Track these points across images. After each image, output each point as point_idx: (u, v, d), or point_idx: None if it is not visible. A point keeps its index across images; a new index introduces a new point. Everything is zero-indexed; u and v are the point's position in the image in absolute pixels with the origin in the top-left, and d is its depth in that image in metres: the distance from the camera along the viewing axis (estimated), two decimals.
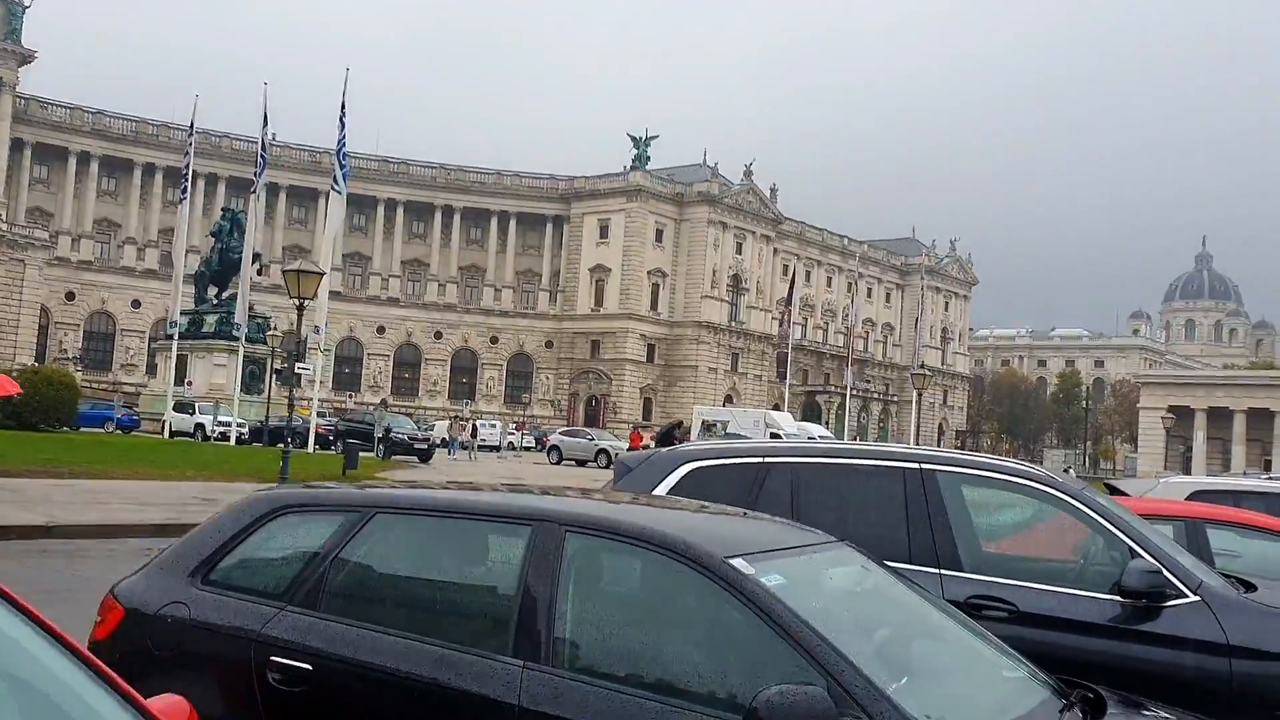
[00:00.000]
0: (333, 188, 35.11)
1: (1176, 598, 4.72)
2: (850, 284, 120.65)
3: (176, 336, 44.78)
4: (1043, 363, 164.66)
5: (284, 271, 17.50)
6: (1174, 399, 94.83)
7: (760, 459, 5.45)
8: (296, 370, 24.57)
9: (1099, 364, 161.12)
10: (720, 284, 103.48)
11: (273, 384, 49.52)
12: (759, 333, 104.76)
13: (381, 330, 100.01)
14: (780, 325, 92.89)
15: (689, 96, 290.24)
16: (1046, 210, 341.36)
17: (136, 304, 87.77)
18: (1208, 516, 7.20)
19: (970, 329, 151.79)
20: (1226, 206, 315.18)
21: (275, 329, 49.80)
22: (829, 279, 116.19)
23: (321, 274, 18.24)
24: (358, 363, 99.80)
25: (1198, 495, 9.17)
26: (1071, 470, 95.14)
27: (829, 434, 61.37)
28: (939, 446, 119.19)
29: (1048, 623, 4.75)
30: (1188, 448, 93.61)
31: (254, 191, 41.03)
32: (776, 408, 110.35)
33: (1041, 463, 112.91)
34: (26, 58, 78.68)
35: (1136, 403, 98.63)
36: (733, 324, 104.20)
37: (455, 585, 3.49)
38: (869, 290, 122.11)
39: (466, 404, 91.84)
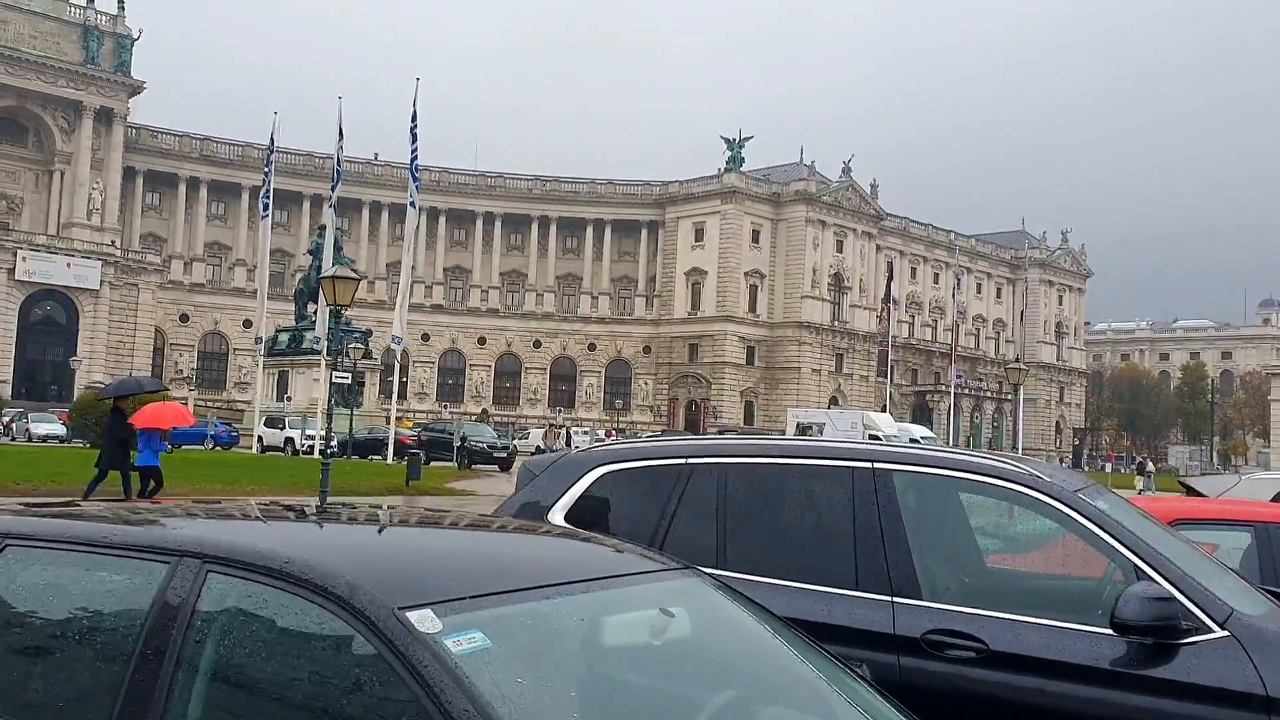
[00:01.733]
0: (410, 201, 34.73)
1: (1197, 632, 3.58)
2: (959, 280, 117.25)
3: (264, 353, 45.30)
4: (1165, 356, 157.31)
5: (320, 278, 17.14)
6: None
7: (683, 460, 4.45)
8: (334, 380, 24.16)
9: (1226, 356, 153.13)
10: (821, 283, 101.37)
11: (376, 397, 50.06)
12: (863, 332, 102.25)
13: (482, 341, 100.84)
14: (880, 323, 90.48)
15: (785, 97, 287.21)
16: (1165, 198, 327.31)
17: (248, 324, 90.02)
18: None
19: (1087, 323, 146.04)
20: None
21: (358, 344, 49.74)
22: (936, 275, 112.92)
23: (358, 280, 17.79)
24: (460, 374, 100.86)
25: None
26: (1191, 467, 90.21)
27: (932, 435, 59.32)
28: (1056, 446, 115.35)
29: (1025, 665, 3.64)
30: None
31: (330, 204, 41.34)
32: (884, 409, 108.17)
33: (1166, 460, 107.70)
34: (136, 89, 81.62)
35: (1267, 395, 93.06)
36: (835, 324, 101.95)
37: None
38: (978, 286, 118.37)
39: (560, 411, 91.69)
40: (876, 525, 4.01)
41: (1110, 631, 3.55)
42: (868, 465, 4.14)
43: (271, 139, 42.80)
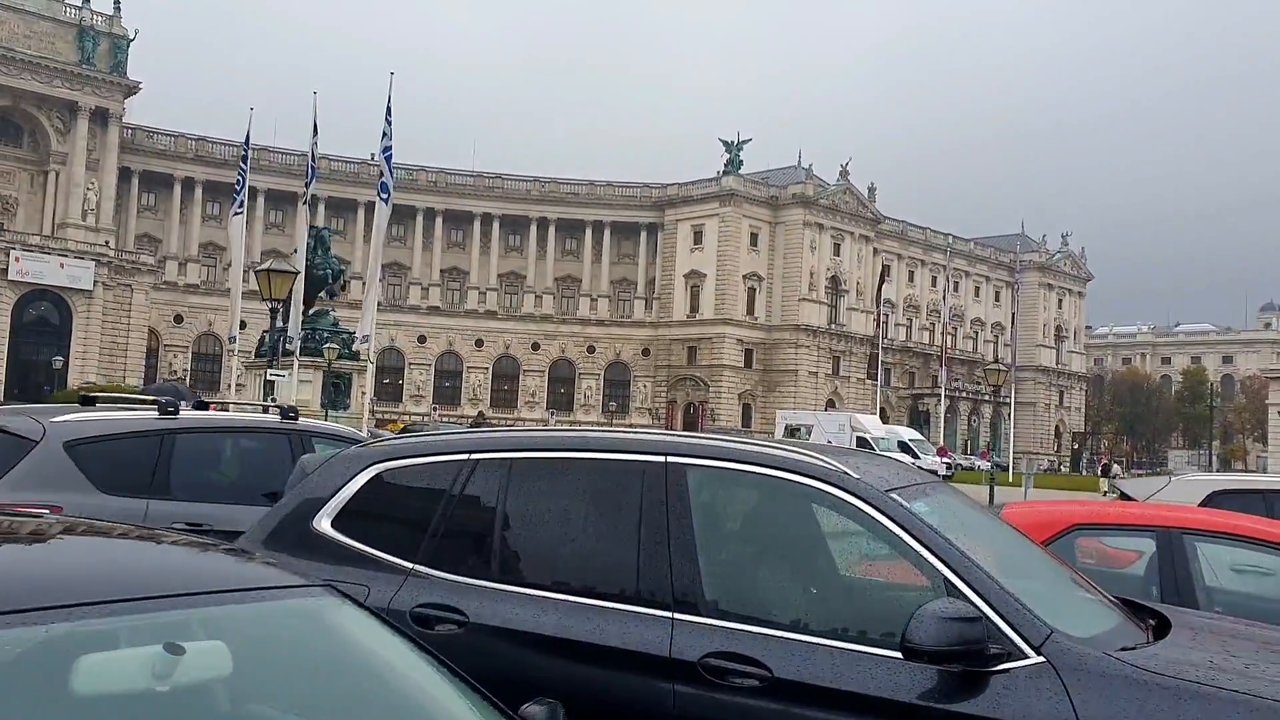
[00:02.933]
0: (380, 196, 34.20)
1: (1009, 658, 3.02)
2: (956, 283, 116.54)
3: (239, 353, 44.62)
4: (1166, 360, 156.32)
5: (256, 272, 16.62)
6: None
7: (466, 455, 3.90)
8: (269, 377, 23.56)
9: (1227, 360, 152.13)
10: (818, 286, 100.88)
11: (366, 399, 49.47)
12: (861, 335, 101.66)
13: (480, 343, 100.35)
14: (876, 325, 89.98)
15: (785, 100, 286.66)
16: (1166, 202, 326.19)
17: (243, 325, 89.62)
18: (1196, 526, 5.36)
19: (1088, 327, 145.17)
20: None
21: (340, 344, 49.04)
22: (933, 279, 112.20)
23: (295, 274, 17.26)
24: (457, 376, 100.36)
25: (1218, 496, 7.23)
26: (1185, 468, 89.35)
27: (920, 437, 58.53)
28: (1056, 450, 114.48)
29: (812, 696, 3.08)
30: None
31: (304, 201, 40.77)
32: (880, 412, 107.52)
33: (1165, 464, 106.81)
34: (132, 89, 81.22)
35: (1265, 399, 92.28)
36: (833, 327, 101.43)
37: None
38: (976, 289, 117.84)
39: (553, 414, 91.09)
40: (663, 528, 3.46)
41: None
42: (660, 459, 3.58)
43: (247, 135, 42.28)
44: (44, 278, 72.45)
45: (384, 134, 33.06)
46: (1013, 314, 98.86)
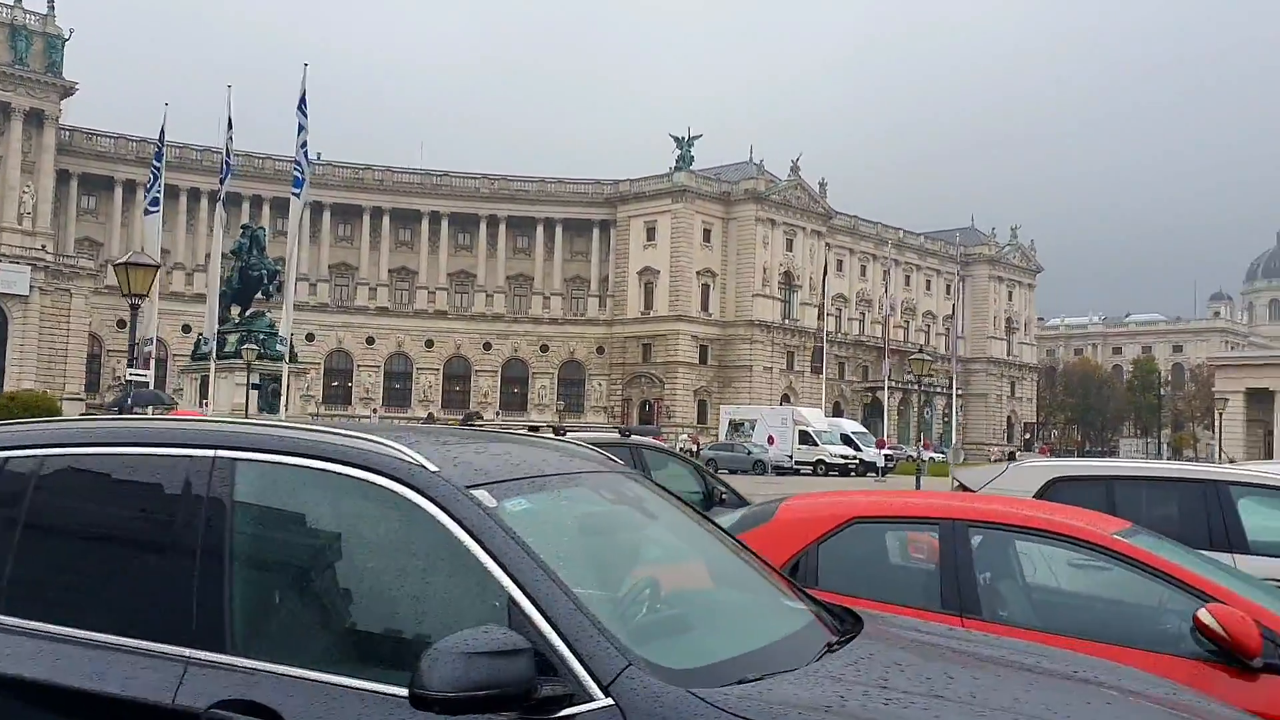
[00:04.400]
0: (294, 192, 33.12)
1: (573, 702, 2.31)
2: (908, 277, 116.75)
3: (186, 358, 43.42)
4: (1118, 350, 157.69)
5: (114, 266, 15.73)
6: (1252, 381, 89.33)
7: (9, 452, 3.14)
8: (129, 378, 22.50)
9: (1177, 349, 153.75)
10: (772, 282, 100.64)
11: (299, 401, 48.45)
12: (815, 330, 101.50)
13: (430, 344, 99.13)
14: (820, 320, 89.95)
15: (737, 98, 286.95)
16: (1116, 195, 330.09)
17: (186, 329, 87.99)
18: (981, 518, 4.72)
19: (1040, 318, 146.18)
20: None
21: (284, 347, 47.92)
22: (885, 272, 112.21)
23: (156, 267, 16.34)
24: (407, 377, 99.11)
25: (1058, 483, 6.62)
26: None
27: (864, 430, 58.17)
28: (1007, 441, 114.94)
29: None
30: (1269, 431, 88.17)
31: (219, 198, 39.66)
32: (837, 405, 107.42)
33: (1117, 453, 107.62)
34: (68, 90, 79.23)
35: (1214, 387, 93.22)
36: (786, 322, 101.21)
37: None
38: (928, 283, 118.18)
39: (498, 414, 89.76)
40: (196, 541, 2.71)
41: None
42: (208, 454, 2.84)
43: (161, 132, 41.09)
44: None
45: (299, 128, 31.94)
46: (953, 306, 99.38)
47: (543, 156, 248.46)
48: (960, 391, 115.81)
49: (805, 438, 51.40)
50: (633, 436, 10.37)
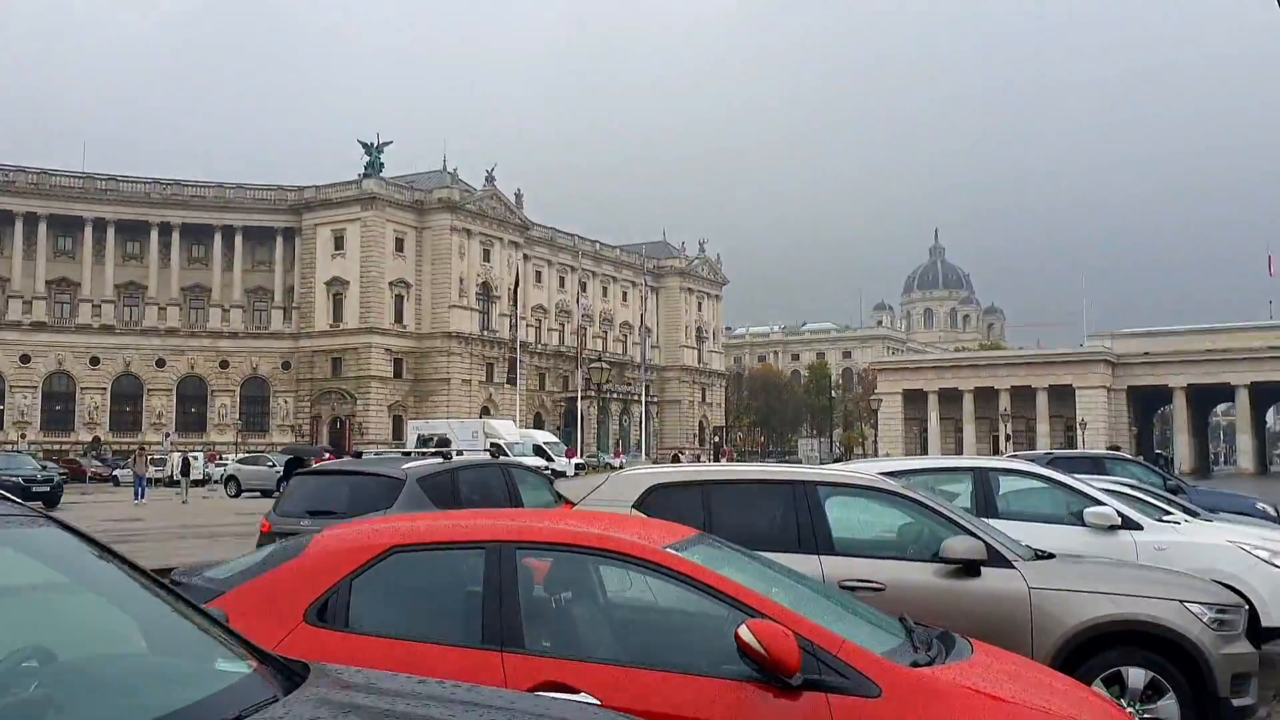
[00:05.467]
0: None
1: None
2: (605, 288, 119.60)
3: None
4: (796, 357, 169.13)
5: None
6: (908, 383, 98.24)
7: None
8: None
9: (847, 355, 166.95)
10: (469, 293, 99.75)
11: None
12: (513, 341, 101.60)
13: (95, 362, 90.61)
14: (511, 329, 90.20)
15: (431, 105, 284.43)
16: (794, 210, 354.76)
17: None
18: (527, 538, 4.27)
19: (728, 328, 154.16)
20: (955, 200, 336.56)
21: None
22: (583, 284, 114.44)
23: None
24: (70, 399, 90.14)
25: (657, 491, 6.38)
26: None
27: (556, 440, 58.67)
28: (699, 445, 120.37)
29: None
30: (923, 429, 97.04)
31: None
32: (539, 416, 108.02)
33: (796, 453, 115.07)
34: None
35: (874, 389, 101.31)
36: (485, 333, 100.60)
37: None
38: (624, 294, 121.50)
39: (169, 436, 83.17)
40: None
41: None
42: None
43: None
44: None
45: None
46: (640, 316, 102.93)
47: (229, 163, 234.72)
48: (655, 399, 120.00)
49: (497, 450, 51.06)
50: (346, 457, 11.38)
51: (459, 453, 15.52)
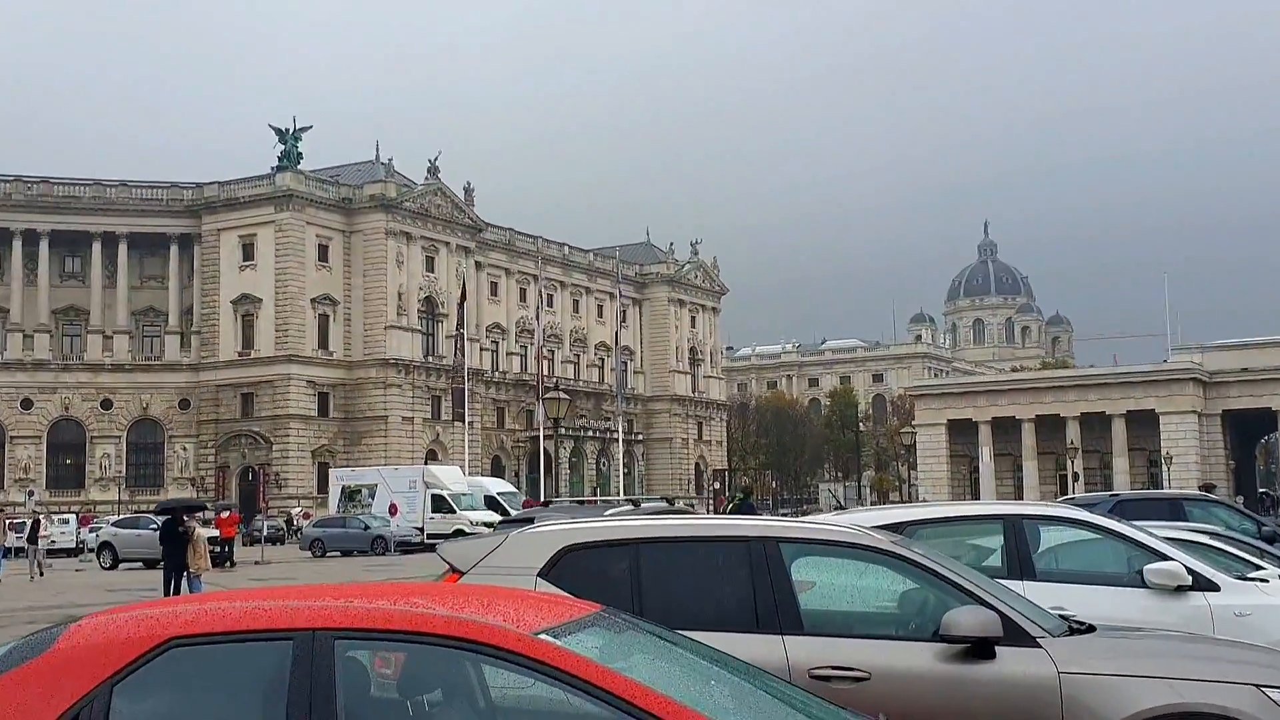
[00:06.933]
0: None
1: None
2: (576, 301, 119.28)
3: None
4: (814, 382, 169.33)
5: None
6: (954, 411, 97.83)
7: None
8: None
9: (878, 379, 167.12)
10: (410, 309, 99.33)
11: None
12: (467, 368, 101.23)
13: None
14: (456, 352, 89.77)
15: (362, 86, 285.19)
16: (809, 206, 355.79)
17: None
18: (344, 625, 3.91)
19: (729, 348, 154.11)
20: (1009, 188, 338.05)
21: None
22: (549, 297, 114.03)
23: None
24: None
25: (572, 553, 6.01)
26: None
27: (511, 489, 58.50)
28: (696, 492, 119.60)
29: None
30: (973, 468, 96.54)
31: None
32: (498, 459, 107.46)
33: (816, 500, 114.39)
34: None
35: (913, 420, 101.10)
36: (430, 359, 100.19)
37: None
38: (599, 308, 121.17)
39: (31, 496, 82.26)
40: None
41: None
42: None
43: None
44: None
45: None
46: (615, 331, 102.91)
47: (121, 163, 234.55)
48: (639, 436, 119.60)
49: (440, 503, 50.59)
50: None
51: (635, 504, 15.27)
